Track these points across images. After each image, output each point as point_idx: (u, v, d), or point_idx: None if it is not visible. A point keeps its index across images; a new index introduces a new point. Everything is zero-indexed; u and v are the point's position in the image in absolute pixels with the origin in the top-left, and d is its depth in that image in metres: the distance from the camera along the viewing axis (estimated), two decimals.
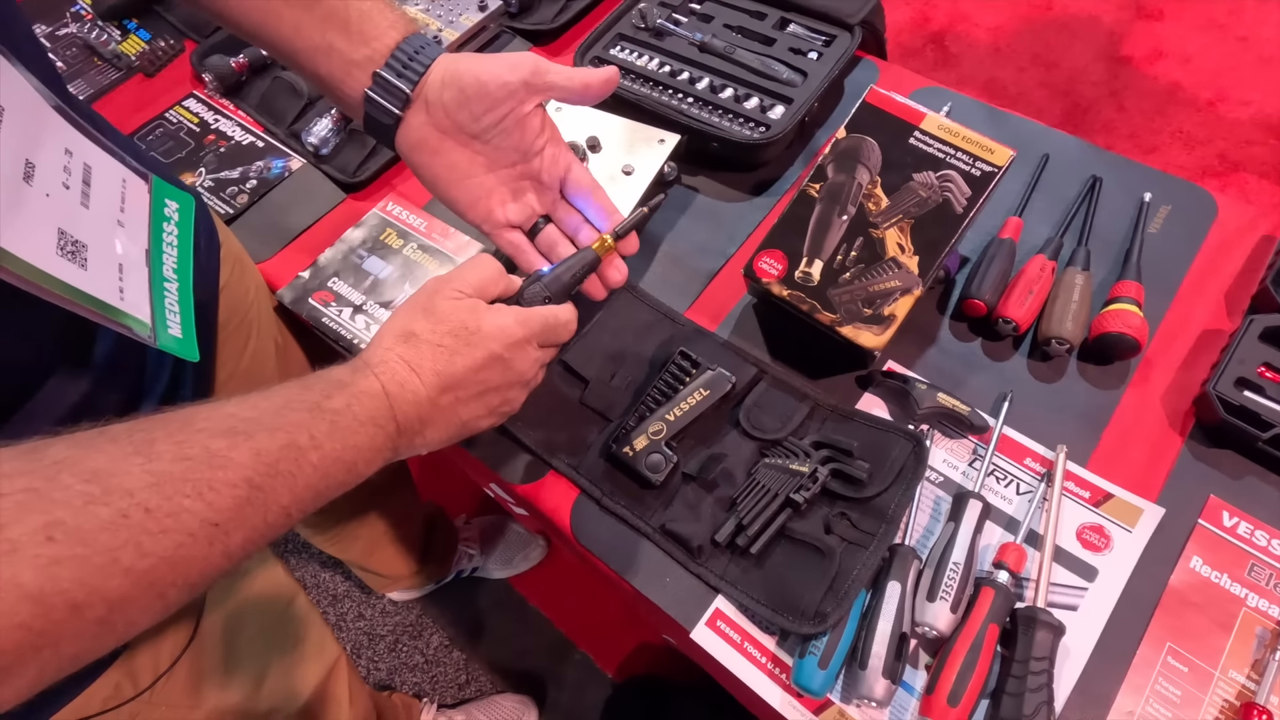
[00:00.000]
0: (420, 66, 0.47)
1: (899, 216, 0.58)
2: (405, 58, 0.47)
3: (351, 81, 0.47)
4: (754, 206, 0.75)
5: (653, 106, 0.76)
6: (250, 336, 0.68)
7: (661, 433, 0.58)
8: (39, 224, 0.33)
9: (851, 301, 0.58)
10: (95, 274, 0.36)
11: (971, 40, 2.07)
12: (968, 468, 0.58)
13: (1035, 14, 2.08)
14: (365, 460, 0.39)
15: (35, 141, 0.34)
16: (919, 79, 0.81)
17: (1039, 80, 1.96)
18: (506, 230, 0.52)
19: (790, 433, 0.59)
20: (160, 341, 0.39)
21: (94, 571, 0.27)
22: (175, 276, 0.41)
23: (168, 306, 0.40)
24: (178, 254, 0.43)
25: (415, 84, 0.47)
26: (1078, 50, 1.99)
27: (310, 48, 0.46)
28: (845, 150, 0.60)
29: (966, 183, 0.57)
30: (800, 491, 0.55)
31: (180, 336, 0.40)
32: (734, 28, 0.82)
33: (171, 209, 0.44)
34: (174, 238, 0.43)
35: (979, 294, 0.62)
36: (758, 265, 0.61)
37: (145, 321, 0.38)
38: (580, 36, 0.89)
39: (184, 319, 0.41)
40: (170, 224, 0.43)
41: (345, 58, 0.46)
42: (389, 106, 0.47)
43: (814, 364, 0.64)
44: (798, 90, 0.75)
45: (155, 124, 0.88)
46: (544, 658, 1.34)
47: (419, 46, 0.47)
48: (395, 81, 0.46)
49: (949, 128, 0.58)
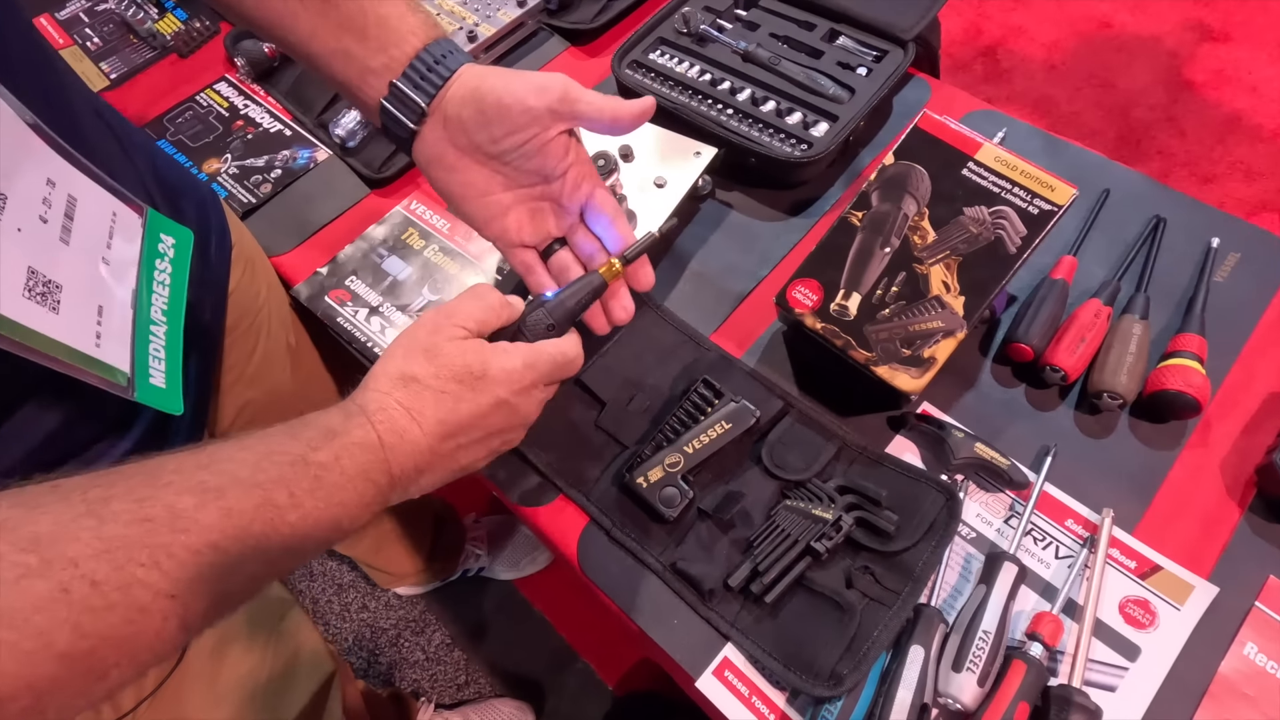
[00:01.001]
0: (438, 79, 0.44)
1: (946, 253, 0.54)
2: (424, 68, 0.44)
3: (368, 89, 0.45)
4: (790, 227, 0.71)
5: (690, 116, 0.73)
6: (259, 339, 0.66)
7: (678, 465, 0.55)
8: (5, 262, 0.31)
9: (889, 340, 0.54)
10: (68, 318, 0.33)
11: (1025, 55, 1.99)
12: (1003, 525, 0.54)
13: (1093, 31, 2.00)
14: (351, 517, 0.36)
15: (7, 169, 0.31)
16: (972, 100, 0.77)
17: (1093, 100, 1.88)
18: (520, 249, 0.50)
19: (815, 474, 0.56)
20: (139, 393, 0.36)
21: (21, 659, 0.24)
22: (164, 319, 0.39)
23: (152, 353, 0.37)
24: (169, 294, 0.40)
25: (433, 97, 0.44)
26: (1137, 71, 1.91)
27: (327, 52, 0.44)
28: (892, 178, 0.57)
29: (1022, 220, 0.53)
30: (822, 540, 0.51)
31: (163, 387, 0.38)
32: (780, 37, 0.78)
33: (167, 244, 0.41)
34: (167, 276, 0.40)
35: (1026, 338, 0.58)
36: (791, 294, 0.57)
37: (123, 370, 0.36)
38: (620, 38, 0.86)
39: (170, 366, 0.38)
40: (164, 261, 0.40)
41: (361, 64, 0.44)
42: (403, 119, 0.45)
43: (844, 400, 0.60)
44: (844, 107, 0.72)
45: (185, 106, 0.87)
46: (545, 664, 1.32)
47: (441, 55, 0.45)
48: (411, 94, 0.44)
49: (1006, 160, 0.54)
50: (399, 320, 0.69)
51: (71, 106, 0.45)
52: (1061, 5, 2.05)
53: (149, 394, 0.37)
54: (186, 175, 0.61)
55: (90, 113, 0.48)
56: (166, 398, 0.38)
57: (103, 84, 0.91)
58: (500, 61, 0.86)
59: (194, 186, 0.61)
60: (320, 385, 0.79)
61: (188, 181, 0.60)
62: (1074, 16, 2.03)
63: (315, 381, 0.78)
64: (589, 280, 0.48)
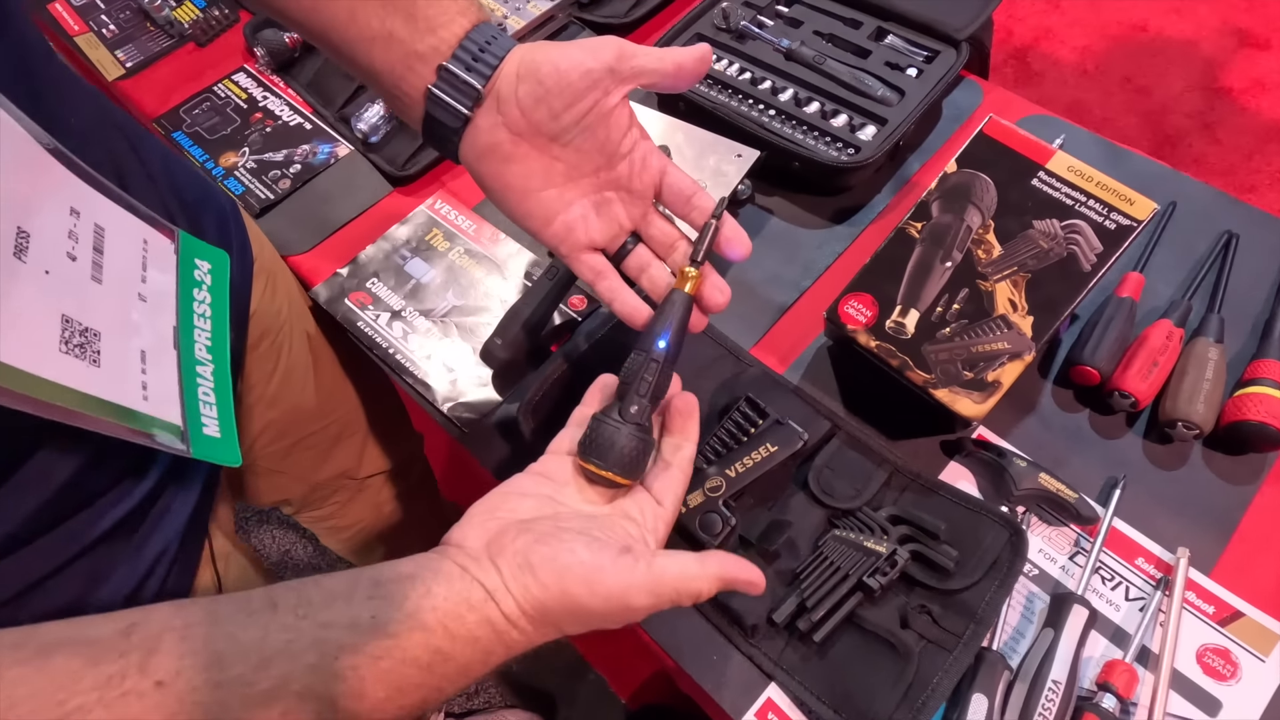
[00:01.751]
0: (493, 59, 0.40)
1: (1013, 269, 0.50)
2: (476, 49, 0.40)
3: (413, 77, 0.41)
4: (834, 236, 0.67)
5: (729, 116, 0.69)
6: (280, 357, 0.63)
7: (720, 489, 0.52)
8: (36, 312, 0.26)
9: (950, 362, 0.50)
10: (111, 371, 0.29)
11: (1056, 59, 1.95)
12: (1068, 562, 0.51)
13: (1128, 35, 1.95)
14: None
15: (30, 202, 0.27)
16: (1028, 105, 0.73)
17: (1127, 106, 1.84)
18: (587, 253, 0.44)
19: (865, 502, 0.52)
20: (194, 448, 0.32)
21: None
22: (210, 357, 0.34)
23: (202, 398, 0.33)
24: (212, 327, 0.36)
25: (488, 79, 0.40)
26: (1172, 77, 1.86)
27: (367, 37, 0.40)
28: (955, 187, 0.53)
29: (1098, 236, 0.49)
30: (875, 575, 0.48)
31: (218, 436, 0.34)
32: (825, 35, 0.74)
33: (203, 270, 0.37)
34: (207, 307, 0.36)
35: (1093, 361, 0.54)
36: (843, 309, 0.54)
37: (176, 424, 0.31)
38: (654, 34, 0.83)
39: (222, 412, 0.34)
40: (202, 290, 0.36)
41: (407, 48, 0.40)
42: (457, 105, 0.40)
43: (894, 422, 0.57)
44: (893, 110, 0.68)
45: (203, 97, 0.84)
46: (557, 675, 1.29)
47: (490, 36, 0.41)
48: (465, 76, 0.40)
49: (1080, 170, 0.50)
50: (422, 326, 0.66)
51: (84, 119, 0.41)
52: (1095, 7, 2.00)
53: (205, 447, 0.33)
54: (204, 185, 0.57)
55: (107, 125, 0.45)
56: (223, 449, 0.34)
57: (118, 73, 0.88)
58: None
59: (213, 198, 0.57)
60: (342, 401, 0.75)
61: (207, 193, 0.56)
62: (1107, 19, 1.98)
63: (337, 396, 0.74)
64: (672, 308, 0.41)
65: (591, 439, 0.39)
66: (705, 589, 0.36)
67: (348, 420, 0.76)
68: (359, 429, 0.78)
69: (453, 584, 0.33)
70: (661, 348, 0.40)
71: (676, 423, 0.42)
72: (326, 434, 0.73)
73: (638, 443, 0.39)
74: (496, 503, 0.38)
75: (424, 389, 0.62)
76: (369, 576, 0.33)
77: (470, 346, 0.64)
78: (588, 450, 0.39)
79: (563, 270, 0.61)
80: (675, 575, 0.35)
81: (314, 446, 0.72)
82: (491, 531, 0.36)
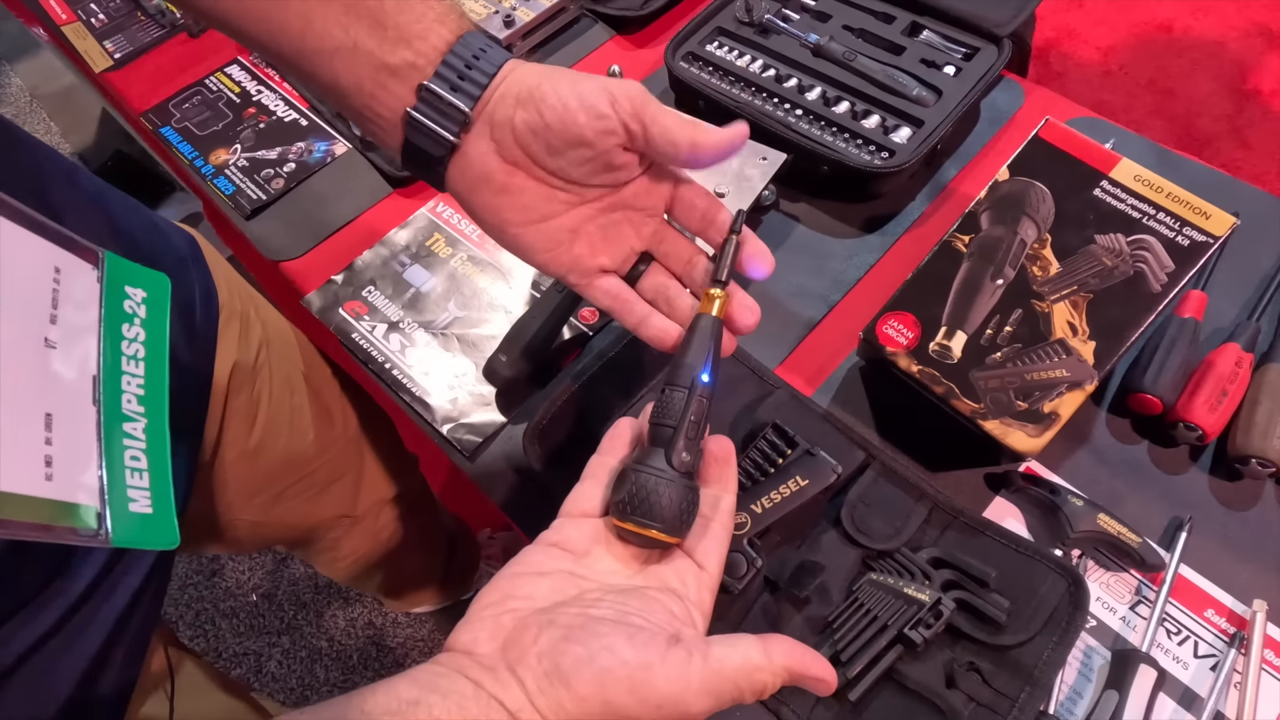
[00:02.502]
0: (483, 76, 0.34)
1: (1073, 288, 0.46)
2: (461, 65, 0.34)
3: (386, 96, 0.34)
4: (865, 245, 0.63)
5: (753, 116, 0.64)
6: (260, 406, 0.58)
7: (745, 527, 0.47)
8: None
9: (1001, 390, 0.46)
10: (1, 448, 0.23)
11: (1078, 59, 1.89)
12: (1129, 612, 0.46)
13: (1153, 35, 1.90)
14: None
15: None
16: (1073, 106, 0.68)
17: (1152, 108, 1.78)
18: (600, 277, 0.39)
19: (904, 542, 0.47)
20: (116, 535, 0.26)
21: None
22: (142, 410, 0.28)
23: (129, 464, 0.26)
24: (146, 369, 0.29)
25: (477, 100, 0.34)
26: (1199, 79, 1.80)
27: (327, 48, 0.34)
28: (1007, 196, 0.48)
29: (1168, 253, 0.44)
30: (918, 628, 0.43)
31: (150, 512, 0.27)
32: (855, 30, 0.69)
33: (136, 300, 0.30)
34: (140, 346, 0.29)
35: (1154, 388, 0.49)
36: (882, 330, 0.49)
37: (90, 505, 0.25)
38: (671, 26, 0.78)
39: (156, 480, 0.27)
40: (134, 325, 0.29)
41: (375, 61, 0.34)
42: (442, 132, 0.34)
43: (933, 451, 0.52)
44: (930, 111, 0.63)
45: (194, 90, 0.80)
46: None
47: (479, 49, 0.34)
48: (450, 97, 0.34)
49: (1149, 180, 0.45)
50: (421, 339, 0.61)
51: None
52: (1119, 7, 1.95)
53: (130, 531, 0.26)
54: (155, 228, 0.51)
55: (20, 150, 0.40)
56: (156, 529, 0.27)
57: (106, 64, 0.83)
58: (538, 50, 0.78)
59: (166, 243, 0.51)
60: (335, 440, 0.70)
61: (156, 236, 0.50)
62: (1132, 19, 1.93)
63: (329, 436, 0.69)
64: (704, 340, 0.36)
65: (635, 495, 0.32)
66: (771, 683, 0.30)
67: (341, 459, 0.71)
68: (353, 466, 0.73)
69: (465, 707, 0.26)
70: (706, 382, 0.35)
71: (714, 471, 0.36)
72: (318, 478, 0.68)
73: (688, 495, 0.33)
74: (507, 589, 0.31)
75: (422, 408, 0.57)
76: (356, 703, 0.26)
77: (473, 362, 0.59)
78: (631, 509, 0.32)
79: None
80: (736, 669, 0.29)
81: (304, 492, 0.67)
82: (507, 629, 0.29)
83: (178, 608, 1.37)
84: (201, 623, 1.36)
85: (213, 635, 1.35)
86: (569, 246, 0.37)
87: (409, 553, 0.92)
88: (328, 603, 1.37)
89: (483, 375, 0.57)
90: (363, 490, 0.76)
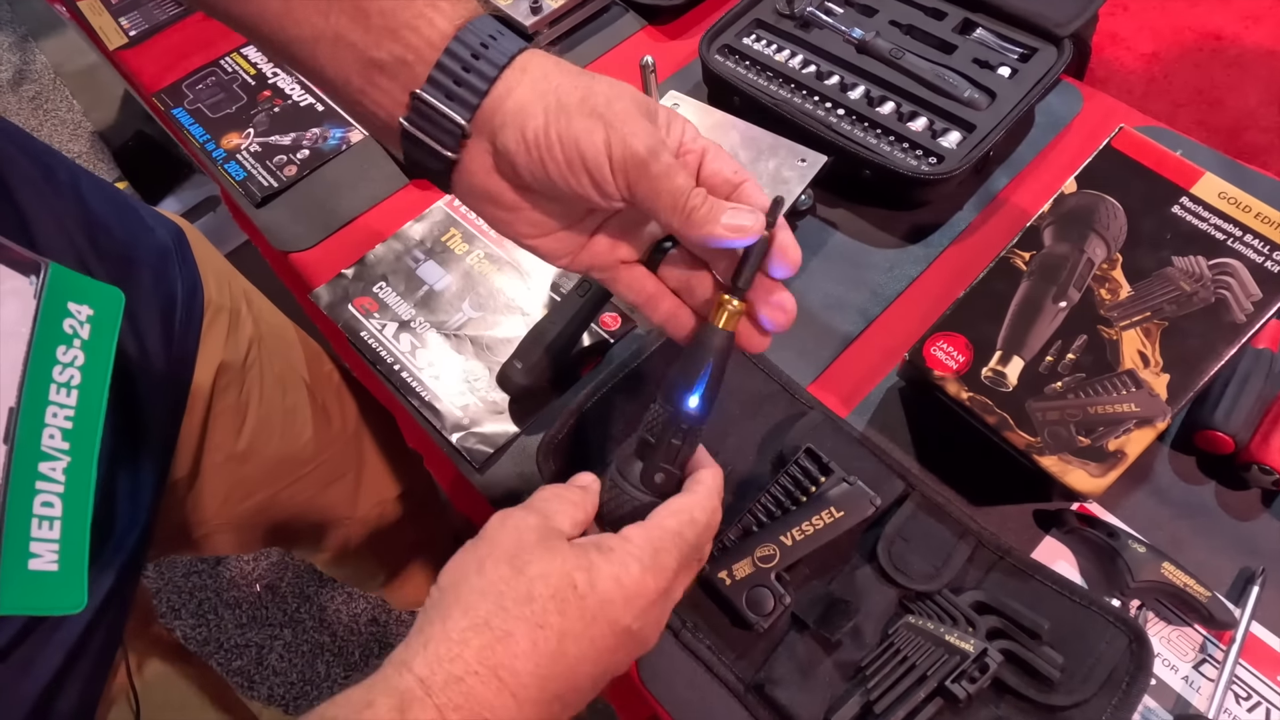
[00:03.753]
0: (483, 79, 0.29)
1: (1145, 314, 0.42)
2: (459, 66, 0.29)
3: (378, 95, 0.30)
4: (908, 257, 0.59)
5: (791, 114, 0.61)
6: (250, 406, 0.56)
7: (773, 560, 0.44)
8: None
9: (1061, 423, 0.42)
10: None
11: (1121, 66, 1.83)
12: (1192, 672, 0.42)
13: (1200, 44, 1.83)
14: None
15: None
16: (1136, 113, 0.64)
17: (1197, 119, 1.72)
18: (624, 269, 0.35)
19: (945, 583, 0.44)
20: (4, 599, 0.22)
21: None
22: (67, 447, 0.24)
23: (39, 513, 0.23)
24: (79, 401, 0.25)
25: (476, 108, 0.29)
26: (1247, 89, 1.74)
27: (309, 36, 0.29)
28: (1074, 211, 0.44)
29: (1256, 280, 0.40)
30: (961, 680, 0.39)
31: (54, 570, 0.24)
32: (903, 26, 0.65)
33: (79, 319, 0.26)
34: (75, 372, 0.25)
35: (1226, 426, 0.45)
36: (929, 351, 0.45)
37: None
38: (706, 17, 0.74)
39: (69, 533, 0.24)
40: (71, 348, 0.25)
41: (360, 55, 0.29)
42: (436, 147, 0.30)
43: (977, 482, 0.48)
44: (982, 115, 0.59)
45: (208, 71, 0.77)
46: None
47: (484, 39, 0.29)
48: (444, 107, 0.29)
49: (1236, 197, 0.41)
50: (433, 340, 0.58)
51: None
52: (1165, 13, 1.88)
53: (24, 593, 0.23)
54: (137, 219, 0.47)
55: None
56: (58, 591, 0.24)
57: (120, 41, 0.81)
58: (565, 40, 0.75)
59: (148, 236, 0.48)
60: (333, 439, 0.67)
61: (138, 230, 0.47)
62: (1179, 26, 1.86)
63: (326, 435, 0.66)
64: (702, 358, 0.32)
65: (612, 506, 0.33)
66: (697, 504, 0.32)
67: (340, 459, 0.68)
68: (352, 465, 0.70)
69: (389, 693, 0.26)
70: (693, 410, 0.32)
71: None
72: (315, 479, 0.65)
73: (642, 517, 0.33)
74: None
75: (431, 414, 0.54)
76: None
77: (486, 366, 0.56)
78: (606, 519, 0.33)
79: (596, 286, 0.53)
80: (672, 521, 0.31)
81: (300, 494, 0.64)
82: None
83: (180, 595, 1.36)
84: (204, 612, 1.34)
85: (215, 625, 1.33)
86: (588, 247, 0.34)
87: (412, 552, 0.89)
88: (331, 597, 1.35)
89: (496, 382, 0.53)
90: (363, 490, 0.73)
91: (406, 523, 0.83)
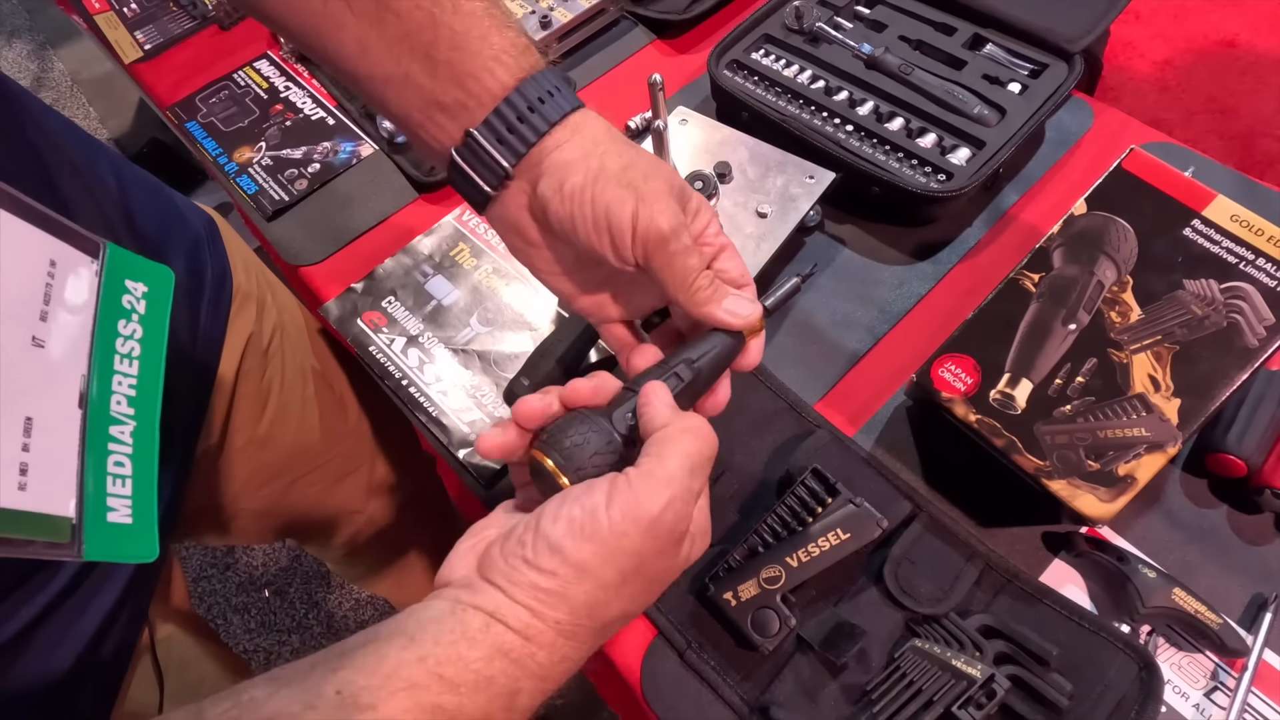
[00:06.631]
0: (534, 132, 0.32)
1: (1156, 337, 0.41)
2: (514, 115, 0.32)
3: (436, 130, 0.34)
4: (916, 274, 0.58)
5: (800, 130, 0.61)
6: (272, 394, 0.57)
7: (779, 581, 0.43)
8: None
9: (1070, 447, 0.41)
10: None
11: (1133, 73, 1.82)
12: (1204, 700, 0.41)
13: (1214, 51, 1.81)
14: None
15: None
16: (1146, 130, 0.63)
17: (1211, 127, 1.70)
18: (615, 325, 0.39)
19: (952, 606, 0.43)
20: (89, 548, 0.24)
21: None
22: (132, 412, 0.26)
23: (112, 472, 0.25)
24: (140, 370, 0.27)
25: (523, 156, 0.33)
26: (1263, 97, 1.72)
27: (380, 76, 0.33)
28: (1084, 232, 0.44)
29: (1269, 304, 0.40)
30: (968, 707, 0.39)
31: (129, 523, 0.26)
32: (912, 41, 0.65)
33: (135, 295, 0.28)
34: (135, 344, 0.28)
35: (1239, 449, 0.45)
36: (937, 373, 0.45)
37: (66, 516, 0.24)
38: (715, 32, 0.74)
39: (140, 489, 0.26)
40: (130, 321, 0.28)
41: (427, 97, 0.33)
42: (480, 182, 0.33)
43: (985, 504, 0.48)
44: (992, 131, 0.59)
45: (221, 84, 0.78)
46: (569, 710, 1.21)
47: (542, 94, 0.33)
48: (492, 151, 0.33)
49: (1248, 220, 0.41)
50: (441, 355, 0.58)
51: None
52: (1179, 20, 1.87)
53: (105, 542, 0.25)
54: (170, 202, 0.50)
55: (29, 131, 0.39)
56: (135, 542, 0.26)
57: (135, 55, 0.82)
58: (574, 54, 0.75)
59: (182, 222, 0.50)
60: (346, 435, 0.68)
61: (172, 216, 0.49)
62: (1192, 33, 1.84)
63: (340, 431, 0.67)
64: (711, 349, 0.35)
65: (558, 430, 0.32)
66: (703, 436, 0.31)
67: (353, 454, 0.69)
68: (365, 462, 0.71)
69: (442, 625, 0.27)
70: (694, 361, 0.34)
71: None
72: (329, 471, 0.66)
73: (605, 451, 0.31)
74: (480, 526, 0.33)
75: (439, 430, 0.55)
76: (335, 649, 0.27)
77: (493, 382, 0.56)
78: (546, 439, 0.32)
79: None
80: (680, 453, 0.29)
81: (313, 486, 0.65)
82: (479, 553, 0.30)
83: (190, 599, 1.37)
84: (213, 616, 1.35)
85: (224, 630, 1.34)
86: (589, 295, 0.37)
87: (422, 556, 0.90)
88: (339, 603, 1.36)
89: (503, 398, 0.53)
90: (375, 488, 0.74)
91: (417, 527, 0.84)
